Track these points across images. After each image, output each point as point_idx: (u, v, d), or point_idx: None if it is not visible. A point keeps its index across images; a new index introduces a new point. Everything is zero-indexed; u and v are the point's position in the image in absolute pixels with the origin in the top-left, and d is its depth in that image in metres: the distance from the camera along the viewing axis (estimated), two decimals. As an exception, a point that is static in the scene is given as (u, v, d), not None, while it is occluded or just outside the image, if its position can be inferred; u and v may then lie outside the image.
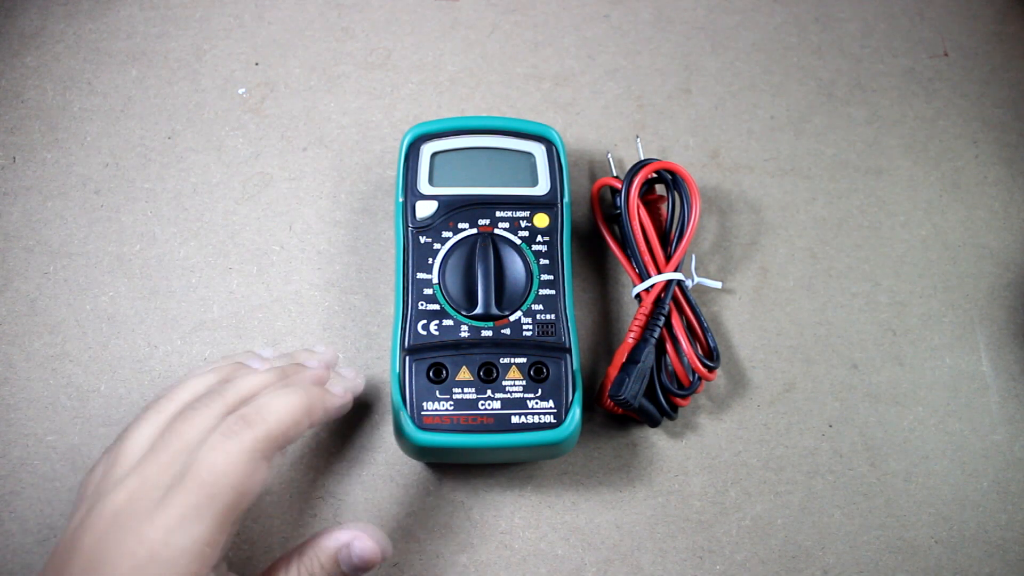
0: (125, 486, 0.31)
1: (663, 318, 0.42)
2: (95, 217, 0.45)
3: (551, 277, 0.40)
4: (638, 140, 0.48)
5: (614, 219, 0.45)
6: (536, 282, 0.40)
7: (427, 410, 0.37)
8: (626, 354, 0.41)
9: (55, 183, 0.46)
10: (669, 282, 0.42)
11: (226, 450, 0.31)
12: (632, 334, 0.42)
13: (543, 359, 0.39)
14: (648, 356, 0.41)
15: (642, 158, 0.46)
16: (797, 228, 0.48)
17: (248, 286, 0.44)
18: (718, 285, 0.45)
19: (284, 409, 0.33)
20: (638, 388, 0.40)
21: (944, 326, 0.46)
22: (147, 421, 0.33)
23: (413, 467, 0.41)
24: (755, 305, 0.46)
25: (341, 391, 0.37)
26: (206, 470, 0.30)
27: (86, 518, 0.31)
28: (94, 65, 0.48)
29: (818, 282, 0.47)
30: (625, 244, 0.44)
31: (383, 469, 0.41)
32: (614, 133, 0.49)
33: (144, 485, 0.30)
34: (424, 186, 0.42)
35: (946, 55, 0.53)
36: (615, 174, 0.47)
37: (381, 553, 0.33)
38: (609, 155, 0.48)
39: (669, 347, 0.42)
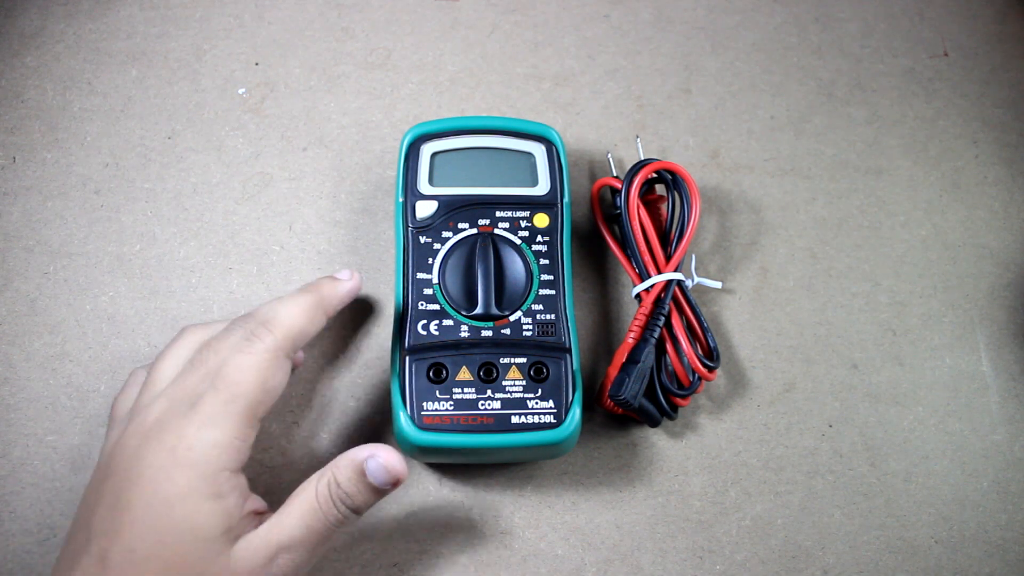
0: (162, 399, 0.34)
1: (663, 318, 0.42)
2: (95, 217, 0.45)
3: (551, 277, 0.40)
4: (638, 140, 0.48)
5: (614, 219, 0.45)
6: (536, 282, 0.40)
7: (427, 410, 0.37)
8: (626, 354, 0.41)
9: (55, 183, 0.46)
10: (669, 282, 0.42)
11: (249, 353, 0.34)
12: (632, 334, 0.42)
13: (543, 359, 0.39)
14: (648, 356, 0.41)
15: (642, 158, 0.46)
16: (797, 228, 0.48)
17: (248, 286, 0.44)
18: (718, 285, 0.45)
19: (297, 309, 0.36)
20: (638, 388, 0.40)
21: (944, 326, 0.46)
22: (181, 343, 0.37)
23: (413, 467, 0.41)
24: (755, 305, 0.46)
25: (347, 275, 0.40)
26: (232, 373, 0.33)
27: (124, 433, 0.34)
28: (94, 65, 0.48)
29: (818, 282, 0.47)
30: (625, 244, 0.44)
31: (383, 469, 0.41)
32: (614, 133, 0.49)
33: (180, 395, 0.34)
34: (424, 186, 0.42)
35: (946, 55, 0.53)
36: (615, 174, 0.47)
37: (404, 468, 0.35)
38: (609, 155, 0.48)
39: (669, 347, 0.42)
